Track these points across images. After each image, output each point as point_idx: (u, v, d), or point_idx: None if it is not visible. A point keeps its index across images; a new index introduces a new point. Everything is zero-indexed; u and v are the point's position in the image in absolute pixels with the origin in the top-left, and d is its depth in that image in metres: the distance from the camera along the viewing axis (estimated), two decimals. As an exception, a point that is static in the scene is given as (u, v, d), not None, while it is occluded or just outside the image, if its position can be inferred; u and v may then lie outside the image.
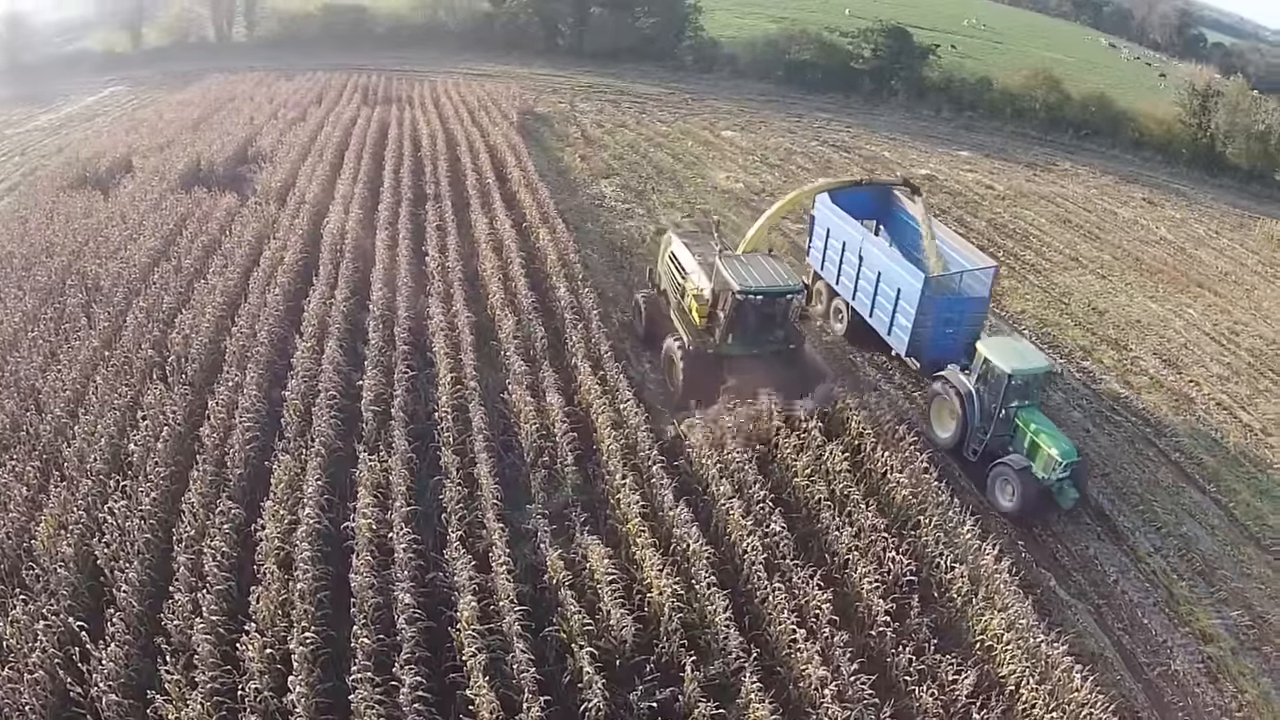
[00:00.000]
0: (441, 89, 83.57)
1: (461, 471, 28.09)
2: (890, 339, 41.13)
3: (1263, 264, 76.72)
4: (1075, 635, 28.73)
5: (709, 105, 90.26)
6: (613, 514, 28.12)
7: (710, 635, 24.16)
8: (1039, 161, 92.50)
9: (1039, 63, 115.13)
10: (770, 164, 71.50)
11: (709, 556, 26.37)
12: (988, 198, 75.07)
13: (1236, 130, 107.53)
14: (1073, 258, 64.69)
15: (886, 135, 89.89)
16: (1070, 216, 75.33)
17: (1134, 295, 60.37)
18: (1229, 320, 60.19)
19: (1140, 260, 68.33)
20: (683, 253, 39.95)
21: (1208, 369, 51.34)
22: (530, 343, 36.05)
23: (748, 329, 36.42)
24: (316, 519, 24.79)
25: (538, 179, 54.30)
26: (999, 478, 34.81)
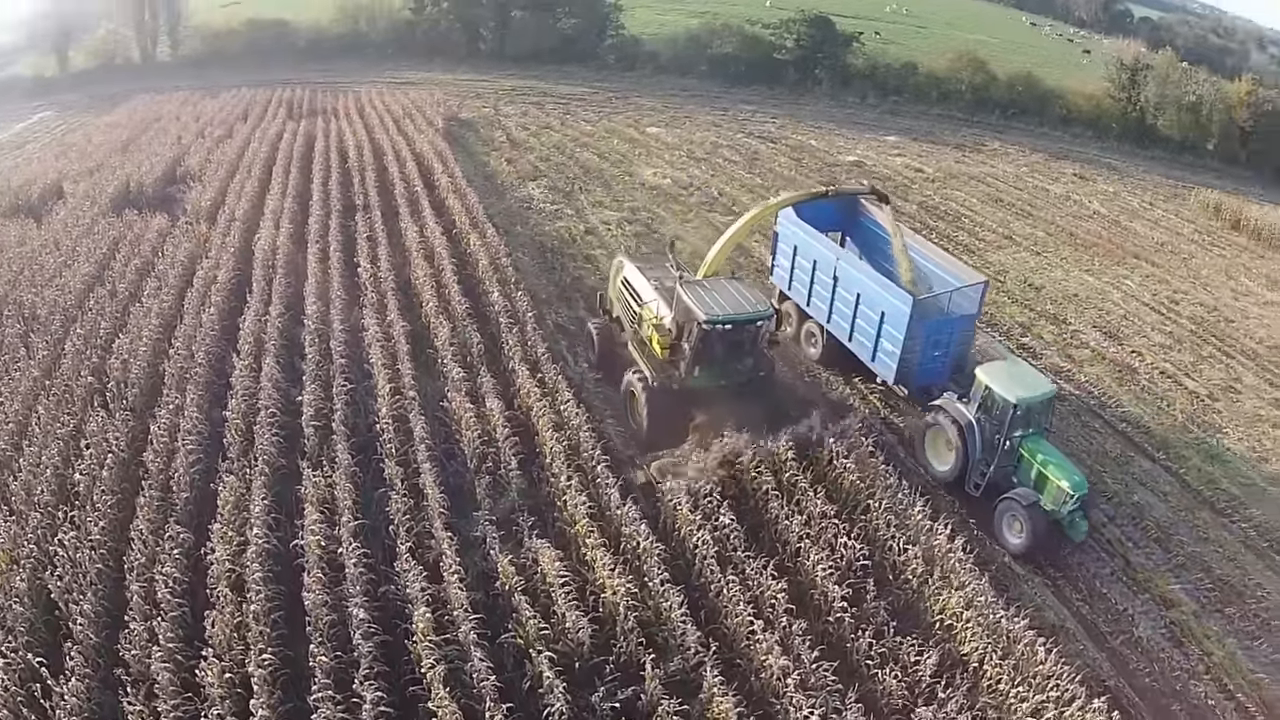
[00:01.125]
0: (366, 99, 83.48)
1: (406, 482, 28.08)
2: (875, 366, 39.12)
3: (1199, 233, 77.88)
4: (1034, 609, 29.00)
5: (633, 103, 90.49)
6: (560, 516, 28.19)
7: (667, 632, 24.27)
8: (967, 143, 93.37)
9: (963, 45, 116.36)
10: (697, 158, 71.62)
11: (660, 553, 26.37)
12: (917, 181, 75.66)
13: (1167, 102, 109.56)
14: (1006, 236, 65.39)
15: (812, 124, 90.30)
16: (1001, 195, 76.04)
17: (1070, 270, 61.06)
18: (1168, 290, 61.18)
19: (1074, 235, 69.19)
20: (637, 278, 37.84)
21: (1149, 338, 52.10)
22: (467, 349, 35.95)
23: (715, 360, 34.16)
24: (265, 539, 24.67)
25: (465, 185, 54.24)
26: (1005, 514, 32.82)
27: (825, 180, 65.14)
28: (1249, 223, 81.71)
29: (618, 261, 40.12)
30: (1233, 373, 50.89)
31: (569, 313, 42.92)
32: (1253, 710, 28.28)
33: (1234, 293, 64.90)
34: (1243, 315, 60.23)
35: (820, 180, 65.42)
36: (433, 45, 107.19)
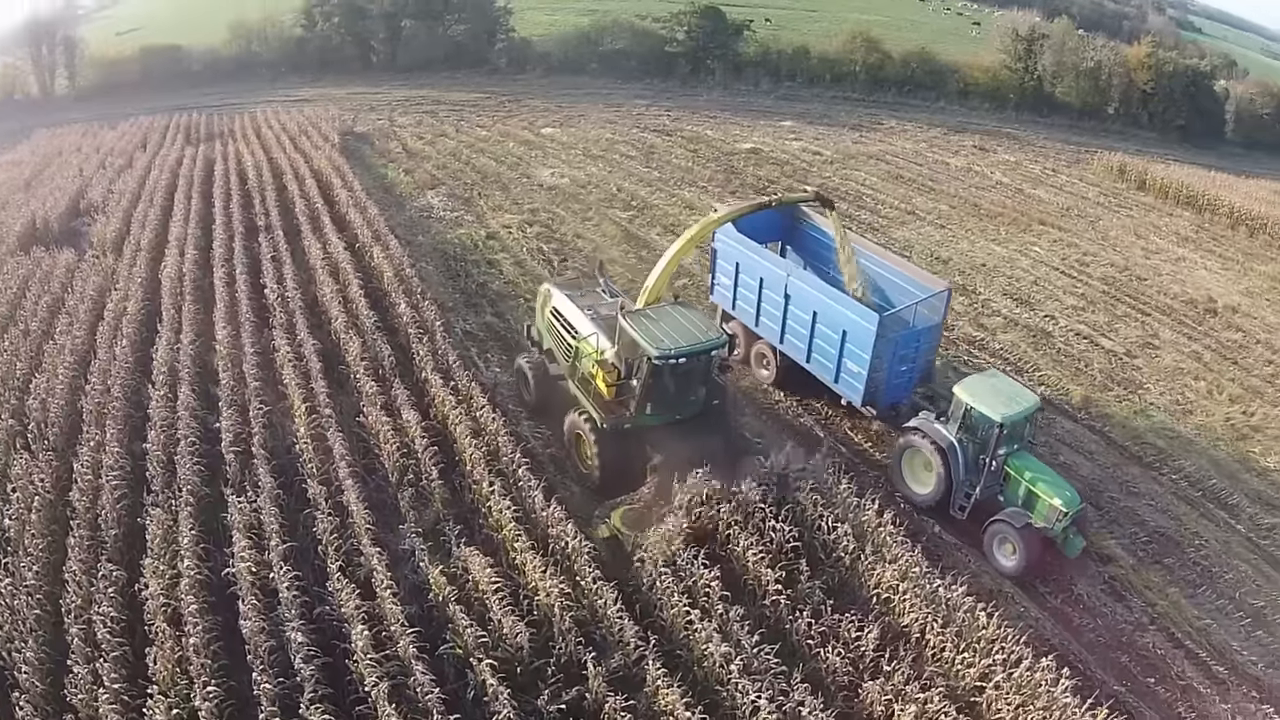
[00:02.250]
0: (262, 119, 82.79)
1: (330, 501, 27.94)
2: (839, 388, 36.95)
3: (1104, 195, 79.62)
4: (970, 576, 29.54)
5: (527, 105, 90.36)
6: (486, 522, 28.23)
7: (605, 629, 24.46)
8: (864, 123, 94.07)
9: (856, 26, 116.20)
10: (593, 156, 71.68)
11: (590, 551, 26.51)
12: (815, 163, 76.14)
13: (1064, 69, 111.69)
14: (909, 212, 66.23)
15: (707, 115, 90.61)
16: (902, 172, 76.76)
17: (976, 240, 62.04)
18: (1077, 253, 62.58)
19: (978, 206, 70.10)
20: (568, 307, 35.43)
21: (1061, 302, 53.13)
22: (378, 362, 35.80)
23: (667, 394, 31.96)
24: (196, 569, 24.49)
25: (365, 198, 54.05)
26: (996, 536, 31.56)
27: (767, 190, 64.92)
28: (1155, 182, 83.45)
29: (544, 290, 37.52)
30: (1149, 329, 51.84)
31: (476, 319, 42.96)
32: (1204, 656, 28.99)
33: (1145, 251, 66.46)
34: (1155, 273, 61.49)
35: (757, 192, 65.45)
36: (324, 60, 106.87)
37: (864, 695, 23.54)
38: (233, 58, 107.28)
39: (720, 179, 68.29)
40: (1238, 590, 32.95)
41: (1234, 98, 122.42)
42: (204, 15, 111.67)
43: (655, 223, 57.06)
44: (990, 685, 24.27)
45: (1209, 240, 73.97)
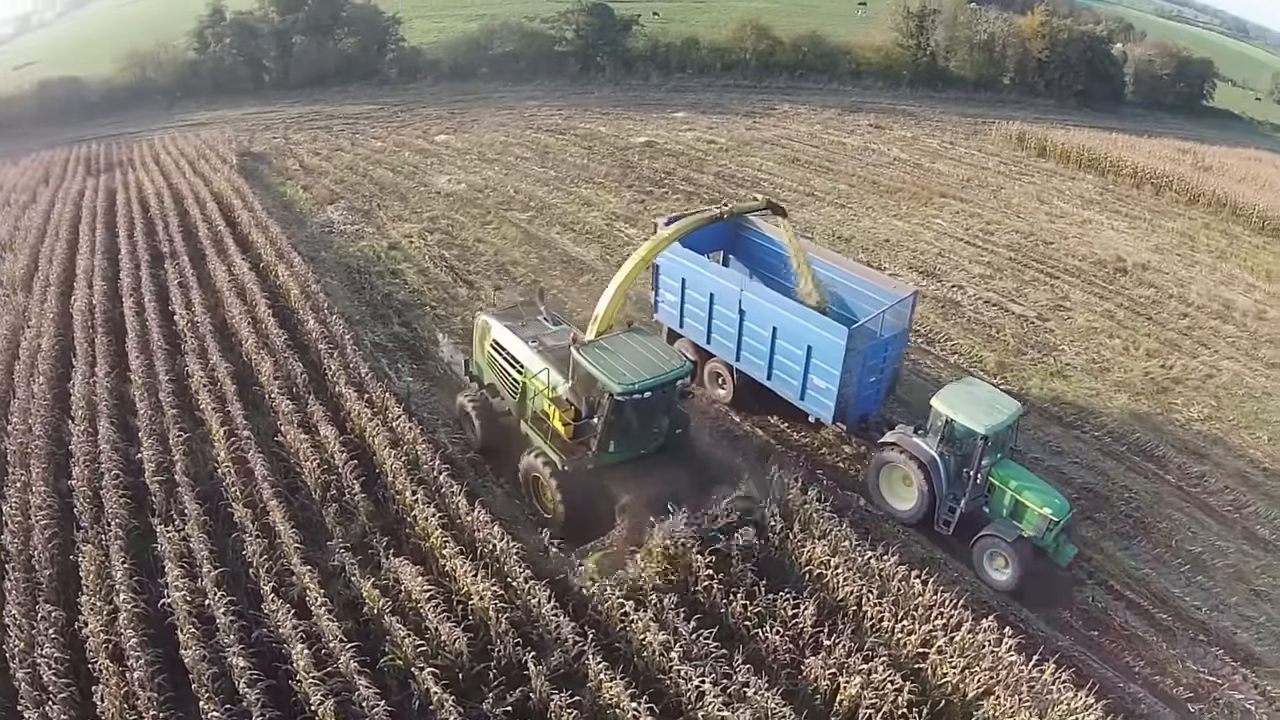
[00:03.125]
0: (160, 146, 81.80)
1: (257, 523, 27.83)
2: (806, 405, 35.07)
3: (1004, 164, 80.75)
4: (901, 546, 29.94)
5: (420, 114, 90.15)
6: (413, 532, 28.26)
7: (542, 628, 24.47)
8: (757, 109, 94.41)
9: (744, 14, 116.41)
10: (489, 160, 71.59)
11: (518, 551, 26.55)
12: (711, 152, 76.38)
13: (958, 44, 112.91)
14: (808, 194, 66.58)
15: (600, 111, 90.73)
16: (798, 155, 77.22)
17: (877, 217, 62.68)
18: (981, 222, 63.43)
19: (877, 183, 70.71)
20: (510, 340, 33.41)
21: (968, 271, 53.86)
22: (291, 380, 35.60)
23: (630, 430, 30.10)
24: (133, 603, 24.38)
25: (266, 217, 53.70)
26: (986, 551, 30.59)
27: (665, 182, 66.50)
28: (1055, 147, 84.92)
29: (481, 321, 35.40)
30: (1059, 292, 52.74)
31: (385, 330, 42.76)
32: (1145, 605, 30.00)
33: (1049, 216, 67.82)
34: (1061, 236, 62.61)
35: (654, 184, 66.55)
36: (218, 83, 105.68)
37: (807, 671, 23.83)
38: (128, 86, 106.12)
39: (616, 174, 68.41)
40: (1173, 538, 33.75)
41: (1132, 60, 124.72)
42: (100, 44, 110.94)
43: (554, 222, 57.26)
44: (933, 650, 24.64)
45: (1114, 201, 75.17)
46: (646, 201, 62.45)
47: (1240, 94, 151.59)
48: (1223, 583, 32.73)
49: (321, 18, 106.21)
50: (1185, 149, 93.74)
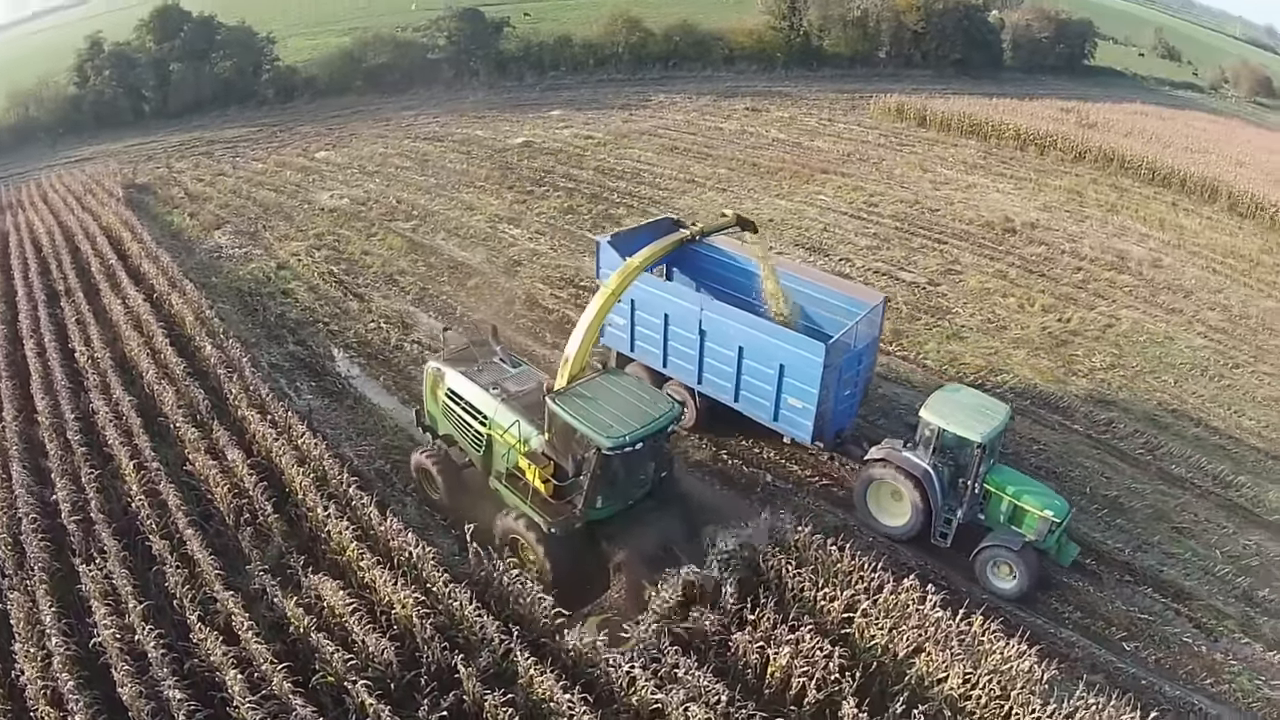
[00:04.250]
0: (47, 184, 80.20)
1: (176, 553, 27.59)
2: (780, 426, 33.57)
3: (884, 136, 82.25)
4: (813, 517, 30.53)
5: (298, 132, 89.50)
6: (329, 547, 28.16)
7: (467, 630, 24.56)
8: (633, 101, 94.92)
9: (615, 8, 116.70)
10: (369, 173, 71.39)
11: (434, 556, 26.73)
12: (589, 147, 76.60)
13: (831, 22, 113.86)
14: (688, 180, 67.10)
15: (476, 115, 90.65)
16: (676, 144, 77.63)
17: (760, 198, 63.50)
18: (864, 195, 64.58)
19: (757, 165, 71.31)
20: (468, 388, 31.13)
21: (855, 244, 54.83)
22: (194, 408, 35.19)
23: (618, 482, 27.87)
24: (65, 646, 24.14)
25: (156, 248, 53.02)
26: (990, 561, 30.03)
27: (545, 179, 67.05)
28: (935, 116, 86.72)
29: (432, 369, 33.03)
30: (949, 257, 53.65)
31: (280, 350, 42.69)
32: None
33: (933, 183, 69.32)
34: (946, 203, 63.84)
35: (534, 183, 67.00)
36: (100, 117, 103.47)
37: (735, 647, 24.00)
38: (11, 127, 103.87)
39: (496, 176, 68.44)
40: (1088, 485, 34.59)
41: (1010, 25, 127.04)
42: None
43: (439, 229, 57.45)
44: (858, 614, 24.84)
45: (998, 164, 76.68)
46: (528, 201, 62.72)
47: (1123, 51, 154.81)
48: (1143, 523, 33.60)
49: (197, 43, 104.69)
50: (1068, 108, 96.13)
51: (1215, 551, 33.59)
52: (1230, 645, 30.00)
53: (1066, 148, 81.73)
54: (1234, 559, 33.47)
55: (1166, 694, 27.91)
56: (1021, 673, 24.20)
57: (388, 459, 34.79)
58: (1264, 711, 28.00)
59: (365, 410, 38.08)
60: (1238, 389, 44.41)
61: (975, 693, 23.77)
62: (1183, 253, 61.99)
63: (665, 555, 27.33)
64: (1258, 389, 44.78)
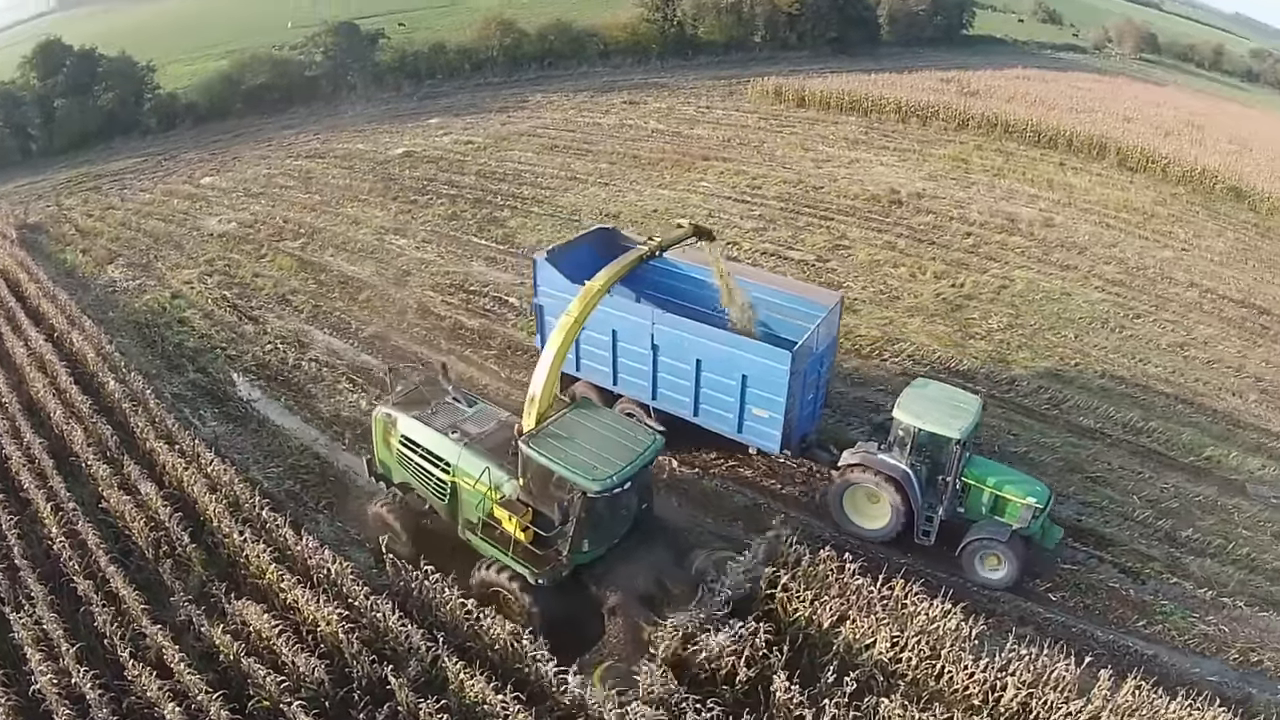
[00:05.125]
0: (-61, 233, 79.63)
1: (101, 592, 27.60)
2: (745, 437, 33.07)
3: (763, 119, 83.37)
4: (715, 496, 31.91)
5: (183, 160, 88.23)
6: (249, 572, 28.32)
7: (393, 640, 24.94)
8: (510, 104, 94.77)
9: (488, 12, 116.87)
10: (254, 194, 70.81)
11: (352, 570, 27.08)
12: (469, 153, 76.59)
13: (705, 10, 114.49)
14: (570, 178, 67.44)
15: (355, 129, 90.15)
16: (556, 142, 77.92)
17: (643, 190, 64.06)
18: (747, 179, 65.45)
19: (638, 158, 71.88)
20: (424, 434, 29.18)
21: (741, 227, 55.91)
22: (104, 444, 35.07)
23: (603, 522, 26.53)
24: (5, 695, 24.29)
25: (53, 286, 52.32)
26: (978, 554, 30.13)
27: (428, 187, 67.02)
28: (814, 96, 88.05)
29: (381, 415, 30.86)
30: (836, 232, 54.74)
31: (182, 379, 42.51)
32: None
33: (815, 162, 70.54)
34: (830, 179, 65.11)
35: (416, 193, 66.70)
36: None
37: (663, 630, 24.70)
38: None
39: (380, 188, 68.39)
40: (995, 444, 35.51)
41: (886, 1, 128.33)
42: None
43: (327, 245, 57.44)
44: (779, 590, 25.72)
45: (880, 138, 78.17)
46: (413, 211, 62.87)
47: (1002, 18, 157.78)
48: (1056, 476, 34.47)
49: (80, 76, 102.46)
50: (948, 78, 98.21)
51: (1133, 497, 34.77)
52: (1159, 586, 31.07)
53: (949, 117, 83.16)
54: (1153, 503, 34.62)
55: (1099, 639, 28.80)
56: (949, 631, 25.05)
57: (296, 479, 34.96)
58: (1202, 646, 28.92)
59: (269, 432, 38.14)
60: (1141, 338, 45.71)
61: (905, 655, 24.62)
62: (1073, 210, 63.41)
63: (659, 589, 26.67)
64: (1161, 336, 46.05)
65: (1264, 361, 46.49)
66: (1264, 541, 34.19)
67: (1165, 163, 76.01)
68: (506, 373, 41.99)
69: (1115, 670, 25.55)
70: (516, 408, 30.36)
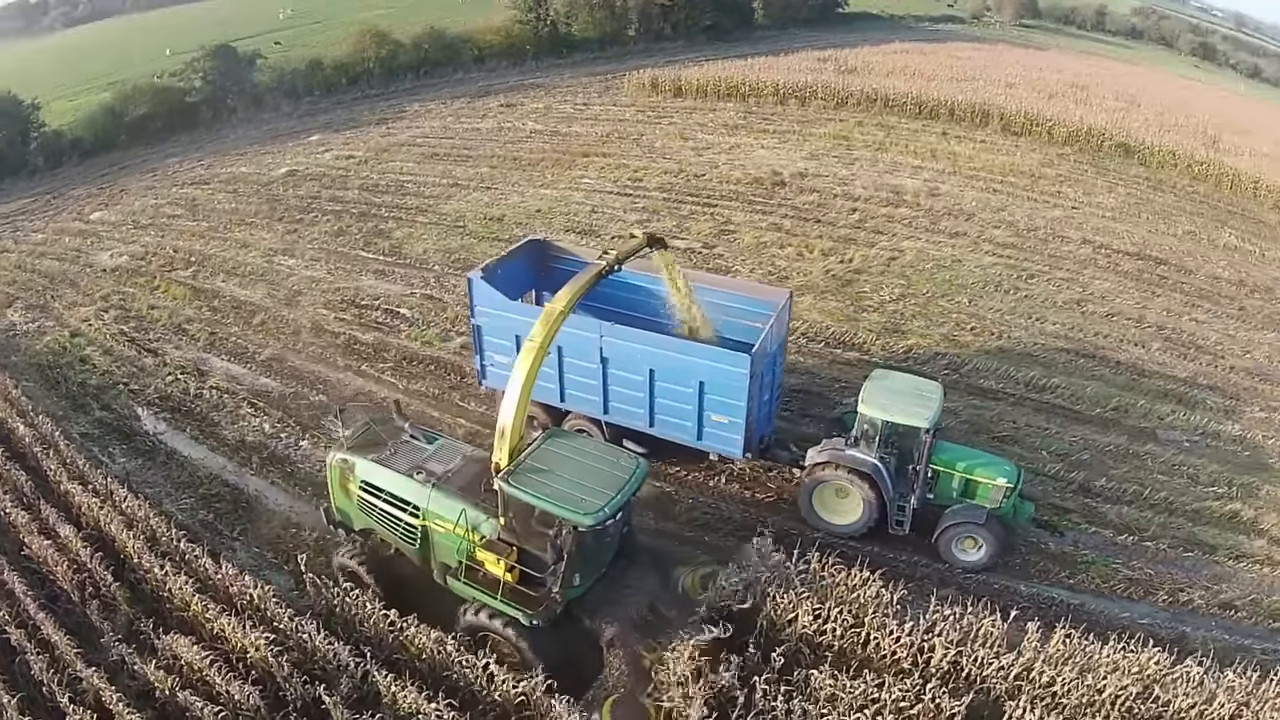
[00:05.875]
0: None
1: (34, 640, 27.65)
2: (706, 445, 32.67)
3: (641, 112, 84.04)
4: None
5: (71, 196, 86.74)
6: (174, 605, 28.37)
7: (322, 660, 25.21)
8: (389, 115, 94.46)
9: (362, 25, 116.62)
10: (143, 226, 70.18)
11: (274, 594, 27.46)
12: (351, 167, 76.54)
13: (578, 7, 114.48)
14: (452, 184, 67.70)
15: (238, 152, 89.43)
16: (436, 150, 78.06)
17: (525, 191, 64.39)
18: (628, 172, 66.22)
19: (518, 159, 72.17)
20: (386, 477, 27.76)
21: (625, 220, 56.34)
22: (19, 490, 34.93)
23: (592, 553, 25.54)
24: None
25: (-45, 336, 52.52)
26: (955, 539, 30.60)
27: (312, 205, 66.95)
28: (691, 85, 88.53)
29: (336, 461, 29.12)
30: (720, 218, 55.65)
31: (88, 418, 42.26)
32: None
33: (695, 150, 71.44)
34: (711, 166, 65.97)
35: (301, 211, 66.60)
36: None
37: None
38: None
39: (266, 210, 68.16)
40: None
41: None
42: None
43: (218, 271, 57.20)
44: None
45: (759, 122, 78.91)
46: (299, 230, 62.73)
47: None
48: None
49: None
50: (826, 58, 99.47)
51: (1042, 453, 35.95)
52: (1078, 537, 32.22)
53: (828, 96, 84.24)
54: (1063, 456, 35.86)
55: (1023, 593, 29.89)
56: (870, 599, 25.57)
57: (209, 508, 35.12)
58: (1129, 591, 30.10)
59: (178, 464, 38.15)
60: (1035, 298, 46.87)
61: (829, 626, 25.08)
62: (959, 179, 64.68)
63: (652, 614, 26.01)
64: (1056, 294, 47.27)
65: (1164, 310, 47.83)
66: (1180, 484, 35.35)
67: (1050, 125, 77.65)
68: (404, 384, 42.34)
69: (1043, 621, 26.54)
70: (439, 425, 31.86)
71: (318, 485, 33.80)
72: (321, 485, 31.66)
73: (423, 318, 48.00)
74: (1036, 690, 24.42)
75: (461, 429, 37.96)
